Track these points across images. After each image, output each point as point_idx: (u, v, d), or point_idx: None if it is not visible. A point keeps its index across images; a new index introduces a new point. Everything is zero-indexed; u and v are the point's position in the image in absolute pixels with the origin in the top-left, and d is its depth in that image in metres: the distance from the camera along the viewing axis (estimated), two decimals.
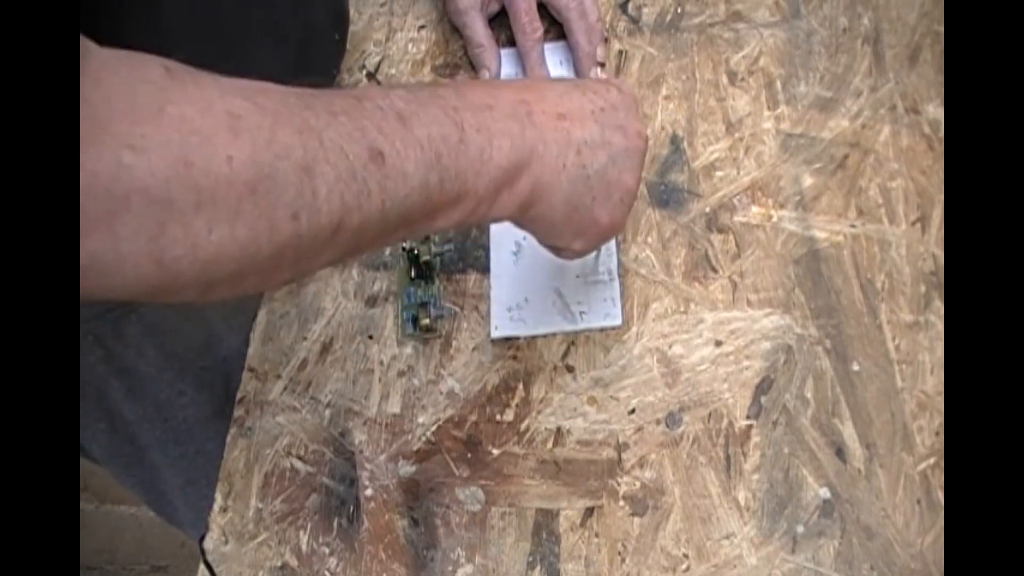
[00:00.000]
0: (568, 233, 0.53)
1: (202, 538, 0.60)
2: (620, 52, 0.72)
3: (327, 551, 0.59)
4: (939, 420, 0.57)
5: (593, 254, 0.63)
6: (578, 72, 0.70)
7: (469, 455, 0.60)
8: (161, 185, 0.37)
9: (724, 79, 0.69)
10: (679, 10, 0.73)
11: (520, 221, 0.52)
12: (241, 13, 0.58)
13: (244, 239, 0.40)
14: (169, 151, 0.37)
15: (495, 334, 0.63)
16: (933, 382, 0.58)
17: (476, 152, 0.47)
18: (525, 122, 0.49)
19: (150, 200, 0.37)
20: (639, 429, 0.59)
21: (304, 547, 0.59)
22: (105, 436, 0.74)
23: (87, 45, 0.37)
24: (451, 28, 0.75)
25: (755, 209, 0.64)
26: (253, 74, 0.61)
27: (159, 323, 0.67)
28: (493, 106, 0.48)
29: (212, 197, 0.38)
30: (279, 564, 0.59)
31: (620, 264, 0.64)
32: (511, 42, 0.72)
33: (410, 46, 0.75)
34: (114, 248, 0.37)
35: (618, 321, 0.62)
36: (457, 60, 0.74)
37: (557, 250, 0.55)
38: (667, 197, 0.66)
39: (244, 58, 0.59)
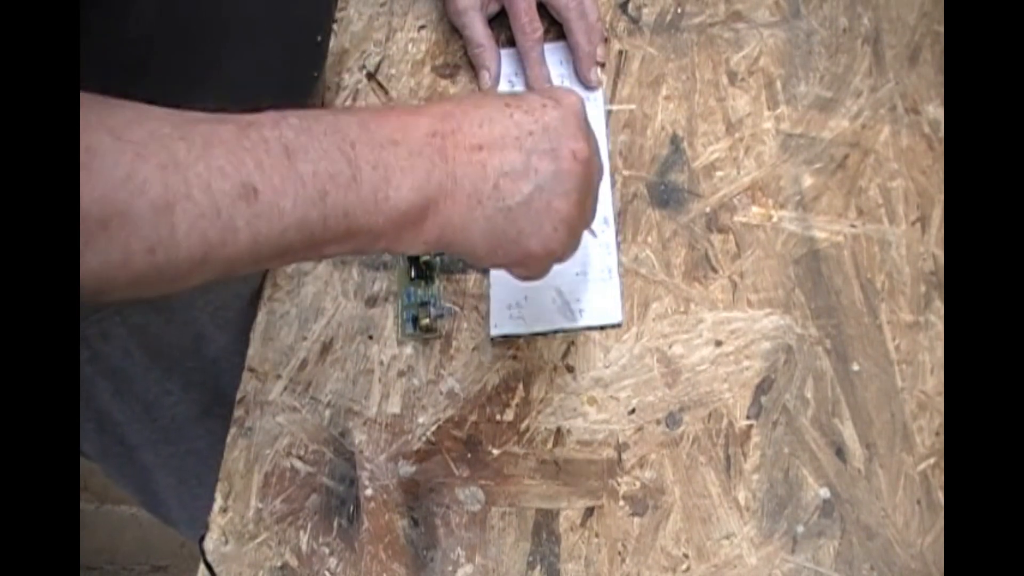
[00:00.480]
0: (500, 264, 0.51)
1: (202, 538, 0.60)
2: (620, 52, 0.72)
3: (327, 551, 0.59)
4: (939, 420, 0.57)
5: (589, 250, 0.64)
6: (578, 72, 0.70)
7: (469, 455, 0.60)
8: None
9: (724, 79, 0.69)
10: (679, 10, 0.72)
11: (444, 252, 0.50)
12: (215, 11, 0.58)
13: (97, 268, 0.39)
14: None
15: (494, 332, 0.63)
16: (933, 382, 0.58)
17: (369, 191, 0.45)
18: (435, 158, 0.47)
19: None
20: (639, 429, 0.59)
21: (304, 547, 0.59)
22: (95, 436, 0.74)
23: None
24: (451, 28, 0.75)
25: (755, 209, 0.64)
26: (228, 73, 0.60)
27: (144, 324, 0.67)
28: (399, 141, 0.46)
29: None
30: (279, 564, 0.59)
31: (620, 263, 0.64)
32: (511, 42, 0.72)
33: (410, 46, 0.75)
34: None
35: (618, 319, 0.62)
36: (457, 60, 0.74)
37: (509, 272, 0.53)
38: (667, 197, 0.66)
39: (219, 57, 0.59)
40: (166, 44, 0.54)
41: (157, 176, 0.40)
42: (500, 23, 0.73)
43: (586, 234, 0.64)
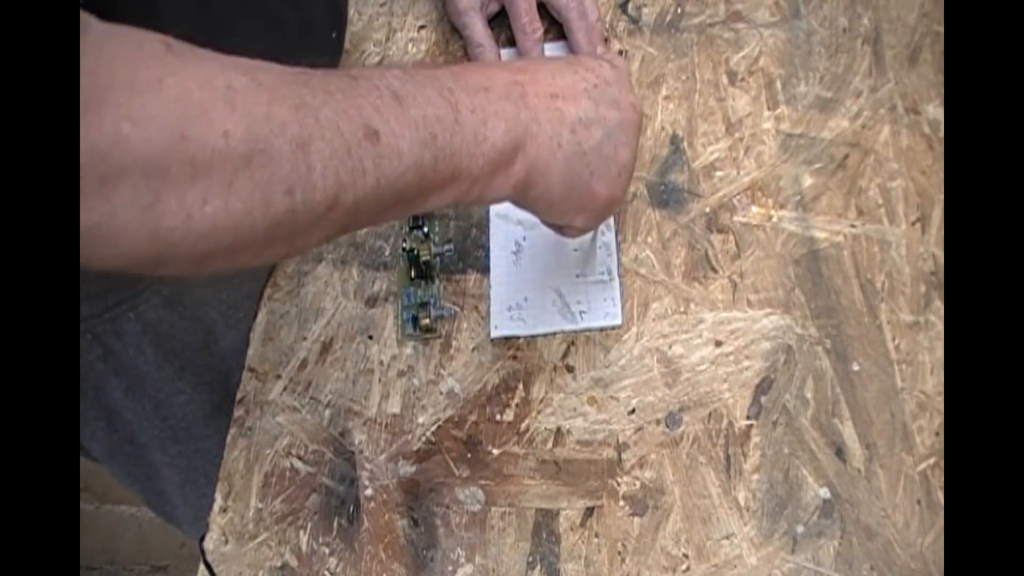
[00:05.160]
0: (569, 210, 0.54)
1: (202, 538, 0.60)
2: (620, 52, 0.72)
3: (327, 551, 0.59)
4: (939, 420, 0.57)
5: (590, 250, 0.64)
6: None
7: (469, 455, 0.60)
8: (157, 156, 0.37)
9: (724, 79, 0.69)
10: (679, 10, 0.73)
11: (519, 201, 0.52)
12: (237, 5, 0.58)
13: (239, 212, 0.40)
14: (167, 123, 0.37)
15: (495, 333, 0.63)
16: (933, 382, 0.58)
17: (471, 133, 0.47)
18: (520, 103, 0.50)
19: (146, 171, 0.37)
20: (639, 429, 0.59)
21: (304, 547, 0.59)
22: (104, 434, 0.74)
23: (87, 19, 0.37)
24: (451, 28, 0.75)
25: (755, 209, 0.64)
26: None
27: (157, 322, 0.67)
28: (489, 88, 0.49)
29: (207, 170, 0.39)
30: (279, 564, 0.59)
31: (620, 264, 0.64)
32: (511, 42, 0.72)
33: (410, 46, 0.75)
34: (110, 217, 0.37)
35: (618, 320, 0.62)
36: (457, 60, 0.74)
37: (559, 228, 0.56)
38: (667, 197, 0.66)
39: (239, 52, 0.59)
40: (180, 35, 0.55)
41: (293, 116, 0.41)
42: (500, 23, 0.73)
43: (588, 236, 0.65)
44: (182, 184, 0.38)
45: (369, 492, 0.60)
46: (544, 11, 0.71)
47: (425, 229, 0.67)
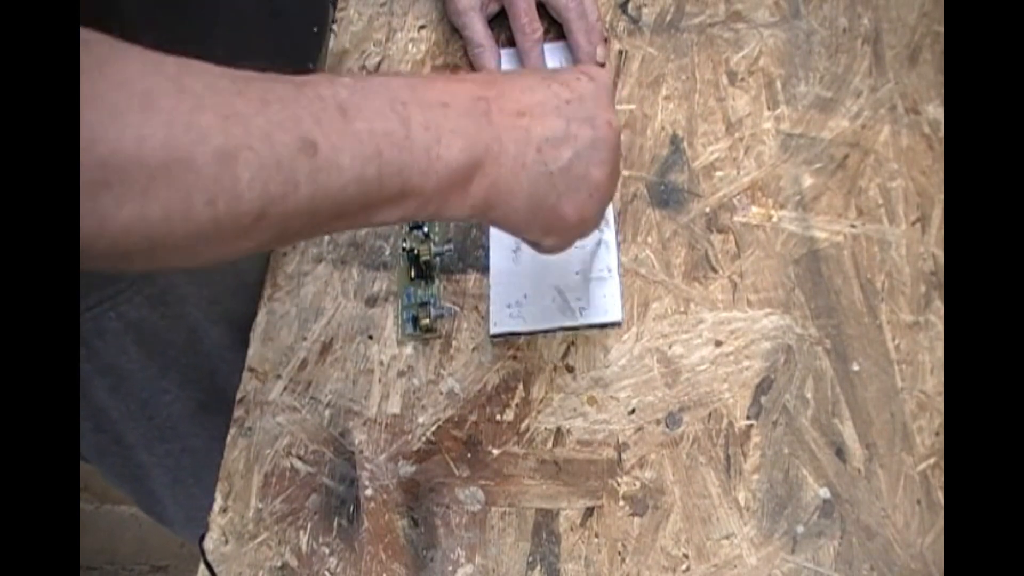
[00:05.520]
0: (535, 231, 0.52)
1: (202, 538, 0.60)
2: (620, 52, 0.72)
3: (327, 551, 0.59)
4: (939, 420, 0.57)
5: (590, 249, 0.64)
6: None
7: (469, 455, 0.60)
8: None
9: (724, 79, 0.69)
10: (679, 10, 0.73)
11: (482, 220, 0.50)
12: (205, 2, 0.58)
13: (156, 219, 0.39)
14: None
15: (494, 330, 0.63)
16: (933, 382, 0.58)
17: (422, 150, 0.45)
18: (482, 121, 0.47)
19: None
20: (639, 429, 0.59)
21: (304, 547, 0.59)
22: (91, 435, 0.74)
23: None
24: (451, 28, 0.75)
25: (755, 209, 0.64)
26: (218, 62, 0.60)
27: (140, 321, 0.67)
28: (448, 103, 0.47)
29: (120, 175, 0.37)
30: (279, 564, 0.59)
31: (620, 264, 0.64)
32: (511, 42, 0.72)
33: (410, 46, 0.75)
34: None
35: (618, 317, 0.62)
36: (457, 60, 0.74)
37: (533, 244, 0.54)
38: (667, 197, 0.66)
39: (209, 45, 0.59)
40: (155, 30, 0.54)
41: (219, 125, 0.39)
42: (500, 23, 0.73)
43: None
44: (94, 188, 0.37)
45: (369, 492, 0.60)
46: (544, 11, 0.71)
47: (425, 229, 0.67)
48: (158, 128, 0.38)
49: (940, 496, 0.55)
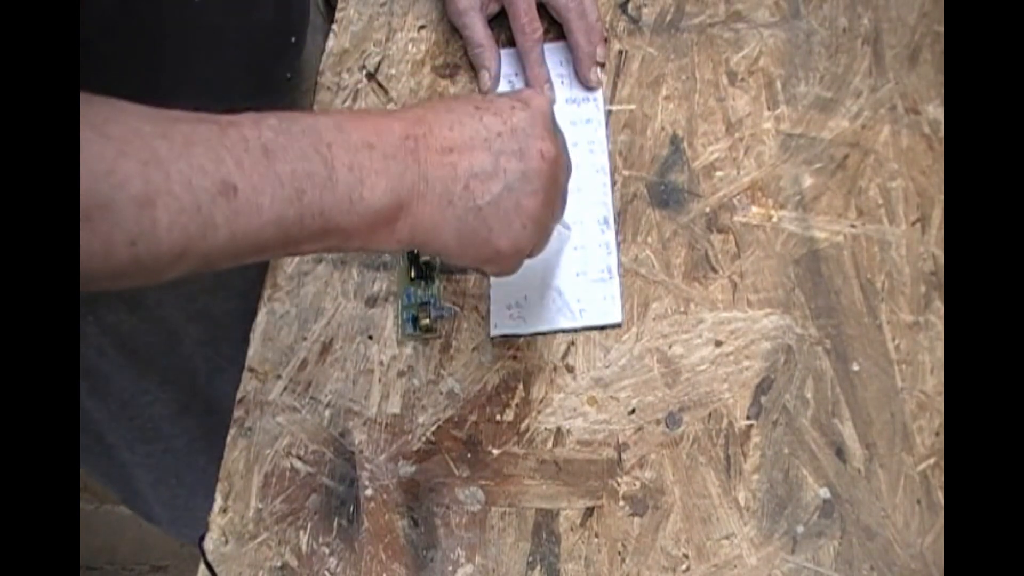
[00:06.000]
0: (471, 262, 0.52)
1: (202, 538, 0.60)
2: (620, 52, 0.72)
3: (327, 551, 0.59)
4: (939, 420, 0.57)
5: (583, 251, 0.63)
6: (578, 72, 0.70)
7: (469, 455, 0.60)
8: None
9: (724, 79, 0.69)
10: (679, 10, 0.72)
11: (416, 251, 0.51)
12: (177, 8, 0.58)
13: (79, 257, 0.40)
14: None
15: (494, 332, 0.63)
16: (933, 382, 0.58)
17: (344, 191, 0.46)
18: (408, 161, 0.48)
19: None
20: (639, 429, 0.59)
21: (304, 547, 0.59)
22: None
23: None
24: (451, 28, 0.75)
25: (755, 209, 0.64)
26: (195, 72, 0.60)
27: (117, 324, 0.67)
28: (374, 145, 0.47)
29: None
30: (279, 564, 0.59)
31: (620, 264, 0.64)
32: (511, 42, 0.72)
33: (410, 46, 0.75)
34: None
35: (618, 318, 0.62)
36: (457, 60, 0.74)
37: (476, 271, 0.54)
38: (667, 197, 0.66)
39: (185, 61, 0.59)
40: (128, 39, 0.54)
41: (138, 171, 0.40)
42: (500, 23, 0.73)
43: (582, 234, 0.65)
44: None
45: (369, 492, 0.60)
46: (544, 11, 0.71)
47: None
48: (82, 176, 0.39)
49: (940, 496, 0.55)
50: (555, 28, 0.72)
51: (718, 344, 0.61)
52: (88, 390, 0.70)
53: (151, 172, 0.41)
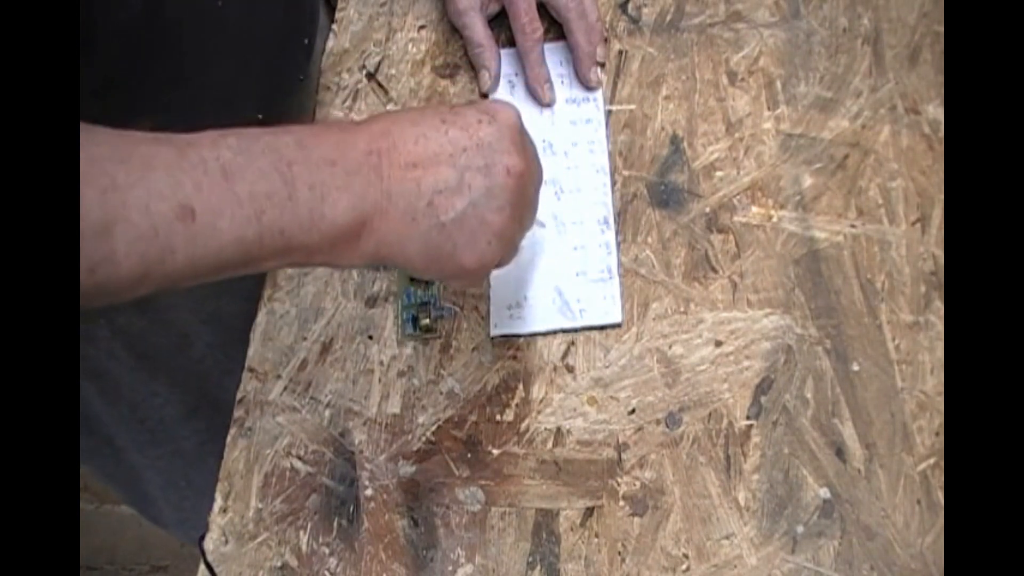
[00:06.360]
0: (437, 277, 0.52)
1: (202, 538, 0.60)
2: (620, 52, 0.72)
3: (327, 551, 0.59)
4: (939, 420, 0.57)
5: (583, 251, 0.64)
6: (578, 72, 0.70)
7: (469, 455, 0.60)
8: None
9: (724, 79, 0.69)
10: (679, 10, 0.72)
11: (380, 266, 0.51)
12: (198, 12, 0.58)
13: None
14: None
15: (494, 332, 0.63)
16: (933, 382, 0.58)
17: (305, 210, 0.46)
18: (371, 177, 0.48)
19: None
20: (639, 429, 0.59)
21: (304, 547, 0.59)
22: (83, 439, 0.74)
23: None
24: (451, 28, 0.75)
25: (755, 209, 0.64)
26: (212, 74, 0.60)
27: (129, 326, 0.67)
28: (336, 161, 0.47)
29: None
30: (279, 564, 0.59)
31: (620, 264, 0.64)
32: (511, 42, 0.72)
33: (410, 46, 0.75)
34: None
35: (618, 318, 0.62)
36: (457, 60, 0.74)
37: (443, 282, 0.54)
38: (667, 197, 0.66)
39: (204, 65, 0.59)
40: (151, 42, 0.54)
41: (97, 199, 0.40)
42: (500, 23, 0.73)
43: (582, 234, 0.65)
44: None
45: (369, 492, 0.60)
46: (544, 11, 0.71)
47: None
48: None
49: (940, 496, 0.55)
50: (555, 28, 0.72)
51: (718, 344, 0.61)
52: (98, 393, 0.70)
53: (109, 199, 0.41)
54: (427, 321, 0.63)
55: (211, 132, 0.45)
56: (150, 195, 0.42)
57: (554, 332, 0.63)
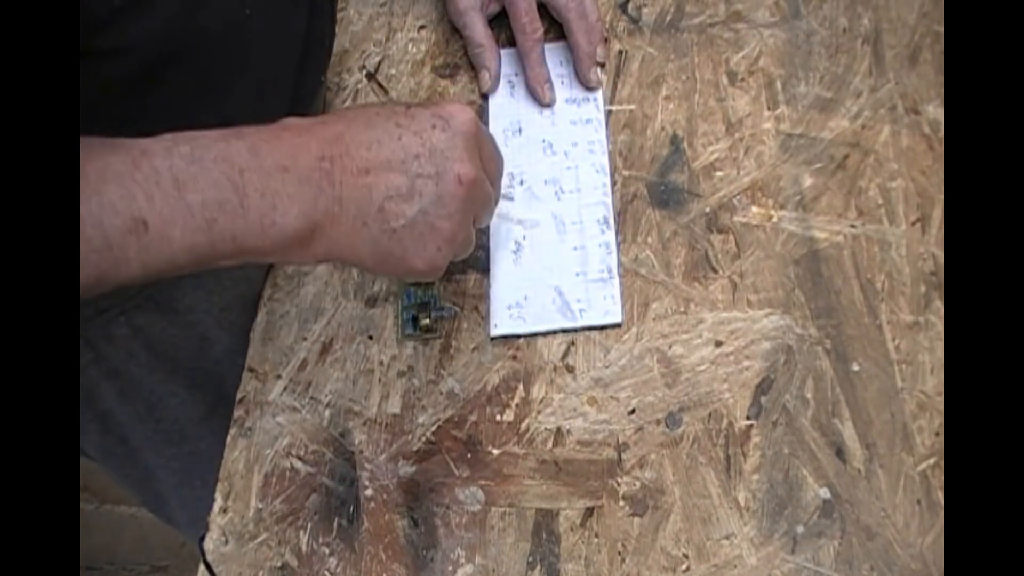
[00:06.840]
0: (388, 275, 0.53)
1: (202, 538, 0.60)
2: (620, 52, 0.72)
3: (327, 551, 0.59)
4: (939, 420, 0.57)
5: (583, 251, 0.64)
6: (578, 72, 0.70)
7: (469, 455, 0.60)
8: None
9: (724, 79, 0.69)
10: (679, 10, 0.73)
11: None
12: (237, 23, 0.58)
13: None
14: None
15: (495, 332, 0.63)
16: (933, 382, 0.58)
17: (256, 218, 0.47)
18: (323, 183, 0.48)
19: None
20: (639, 429, 0.59)
21: (304, 547, 0.59)
22: (98, 437, 0.74)
23: None
24: (451, 28, 0.75)
25: (755, 209, 0.64)
26: (246, 79, 0.61)
27: (148, 326, 0.67)
28: (288, 168, 0.48)
29: None
30: (279, 564, 0.59)
31: (620, 264, 0.64)
32: (511, 42, 0.72)
33: (410, 46, 0.75)
34: None
35: (618, 318, 0.62)
36: (457, 60, 0.74)
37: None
38: (667, 197, 0.66)
39: (232, 72, 0.59)
40: (182, 50, 0.55)
41: None
42: (500, 23, 0.73)
43: (582, 234, 0.65)
44: None
45: (369, 492, 0.60)
46: (544, 11, 0.71)
47: None
48: None
49: (940, 496, 0.55)
50: (555, 28, 0.72)
51: (718, 344, 0.61)
52: (116, 392, 0.70)
53: None
54: (427, 321, 0.63)
55: (166, 138, 0.46)
56: (103, 210, 0.43)
57: (554, 332, 0.63)
